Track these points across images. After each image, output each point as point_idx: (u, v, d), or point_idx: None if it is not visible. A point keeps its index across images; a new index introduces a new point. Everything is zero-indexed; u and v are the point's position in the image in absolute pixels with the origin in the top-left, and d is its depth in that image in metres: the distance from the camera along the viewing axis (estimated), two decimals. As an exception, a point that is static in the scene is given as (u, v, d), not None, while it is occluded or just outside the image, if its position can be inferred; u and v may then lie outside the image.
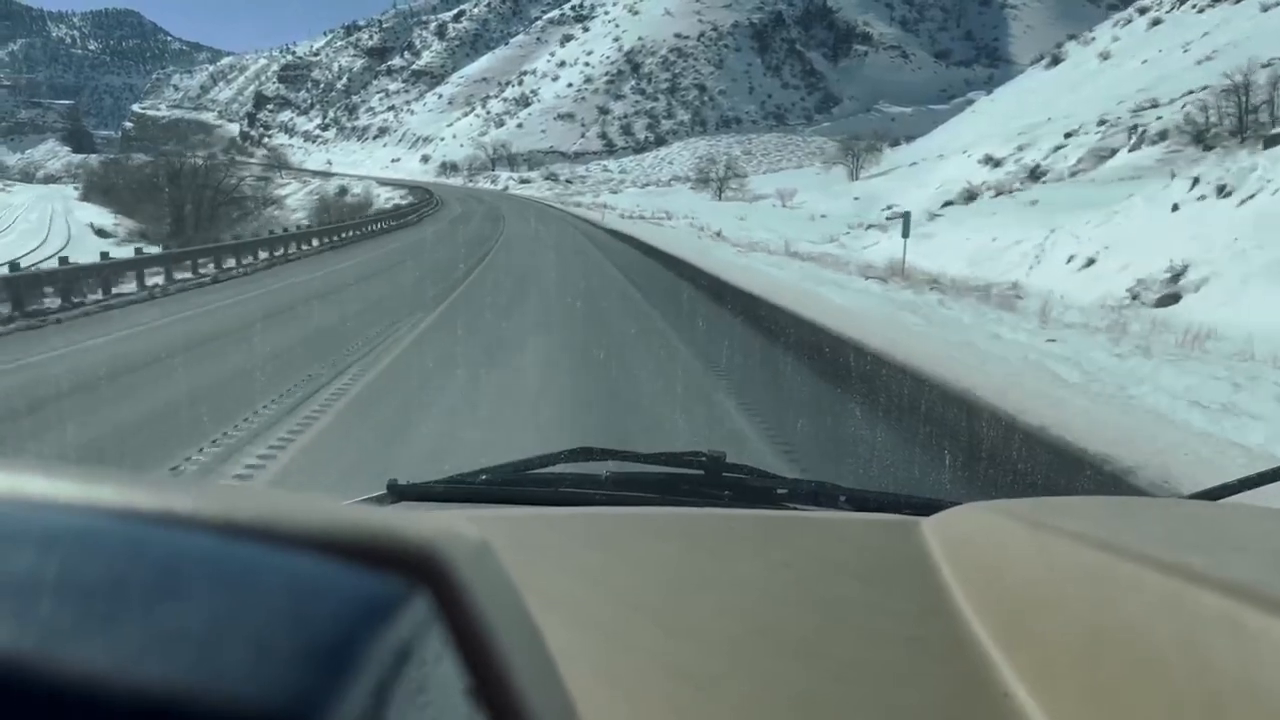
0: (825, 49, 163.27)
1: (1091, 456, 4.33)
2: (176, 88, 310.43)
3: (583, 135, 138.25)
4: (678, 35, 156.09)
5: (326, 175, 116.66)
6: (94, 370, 7.45)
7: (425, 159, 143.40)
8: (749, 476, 1.41)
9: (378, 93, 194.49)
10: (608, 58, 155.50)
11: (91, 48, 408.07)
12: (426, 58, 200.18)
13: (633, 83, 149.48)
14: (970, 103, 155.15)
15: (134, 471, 0.29)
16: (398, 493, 1.31)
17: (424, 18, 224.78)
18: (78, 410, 6.11)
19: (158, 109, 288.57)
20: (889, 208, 64.69)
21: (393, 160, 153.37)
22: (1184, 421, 4.99)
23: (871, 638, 0.75)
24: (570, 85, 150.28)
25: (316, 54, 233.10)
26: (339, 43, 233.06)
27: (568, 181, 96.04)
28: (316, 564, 0.26)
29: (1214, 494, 1.25)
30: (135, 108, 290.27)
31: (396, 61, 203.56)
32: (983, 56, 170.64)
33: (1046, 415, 5.05)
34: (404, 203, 60.50)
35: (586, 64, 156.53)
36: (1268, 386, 5.82)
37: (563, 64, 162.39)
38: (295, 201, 73.77)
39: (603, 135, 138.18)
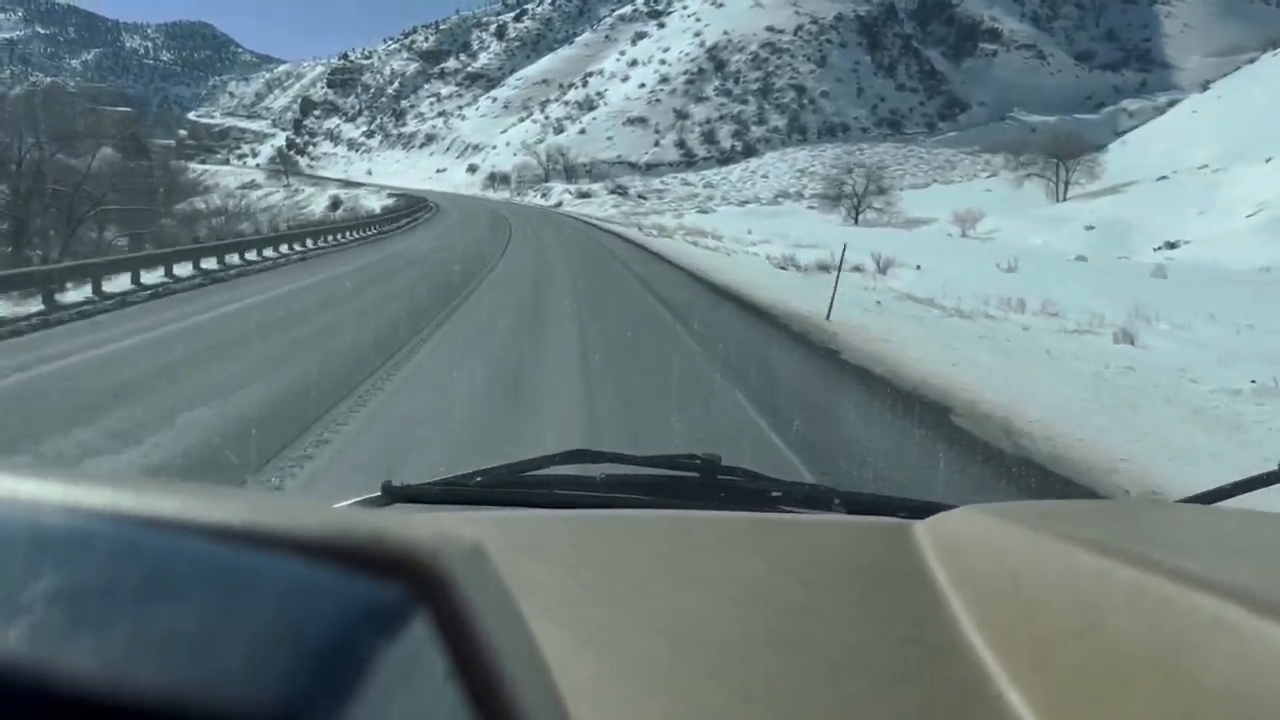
0: (945, 47, 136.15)
1: None
2: (232, 94, 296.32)
3: (656, 143, 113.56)
4: (770, 29, 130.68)
5: (346, 184, 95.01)
6: None
7: (472, 169, 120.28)
8: (743, 479, 1.37)
9: (428, 97, 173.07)
10: (687, 54, 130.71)
11: (164, 59, 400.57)
12: (483, 59, 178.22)
13: (717, 83, 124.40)
14: (1127, 111, 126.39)
15: (125, 474, 0.27)
16: (392, 494, 1.28)
17: (484, 19, 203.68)
18: None
19: (212, 116, 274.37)
20: (1171, 245, 37.43)
21: (438, 170, 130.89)
22: None
23: (865, 640, 0.73)
24: (643, 86, 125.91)
25: (368, 57, 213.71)
26: (393, 45, 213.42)
27: (640, 196, 71.38)
28: (310, 568, 0.26)
29: (1208, 497, 1.24)
30: (190, 115, 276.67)
31: (451, 64, 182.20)
32: (1132, 59, 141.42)
33: None
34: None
35: (662, 62, 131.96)
36: None
37: (634, 63, 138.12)
38: (278, 214, 52.53)
39: (680, 143, 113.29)
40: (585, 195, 70.95)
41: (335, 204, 57.42)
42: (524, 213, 52.76)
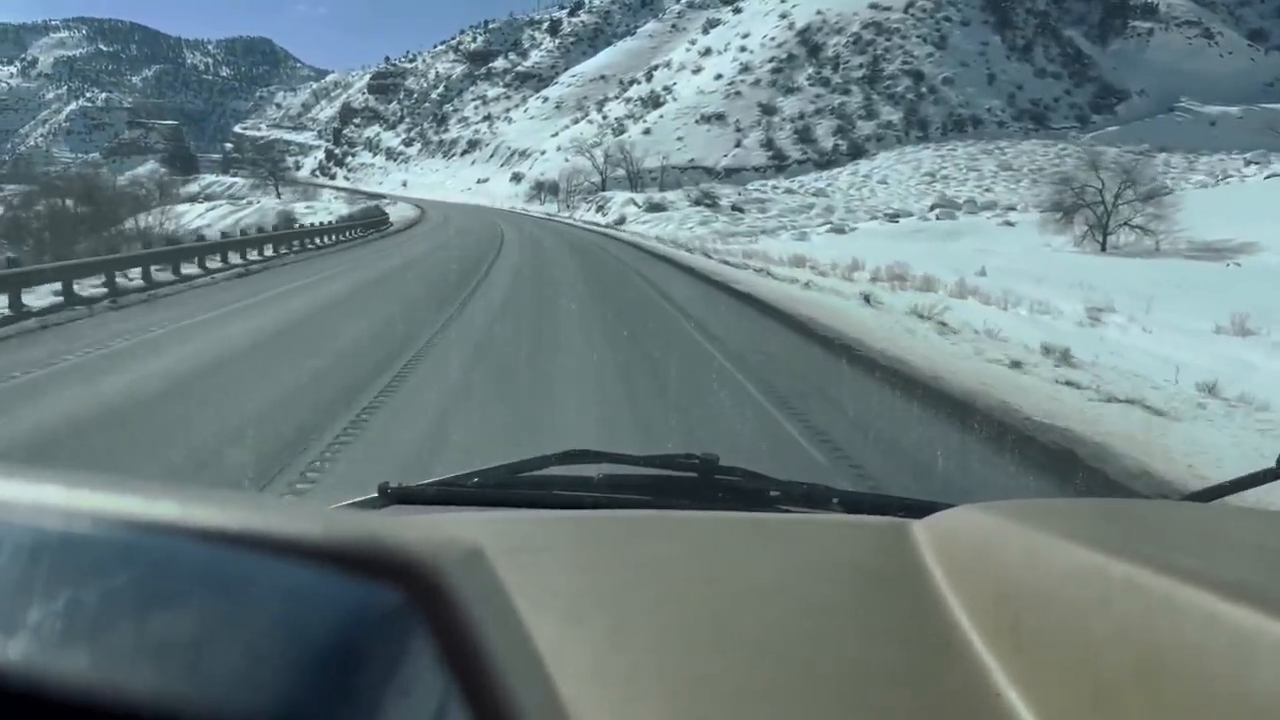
0: (1087, 26, 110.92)
1: None
2: (279, 106, 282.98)
3: (738, 144, 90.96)
4: (874, 6, 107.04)
5: (355, 194, 75.37)
6: None
7: (517, 178, 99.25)
8: (741, 479, 1.35)
9: (473, 100, 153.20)
10: (773, 39, 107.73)
11: (223, 74, 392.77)
12: (534, 57, 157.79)
13: (810, 70, 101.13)
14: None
15: (122, 477, 0.28)
16: (389, 496, 1.26)
17: (537, 16, 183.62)
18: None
19: (258, 128, 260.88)
20: None
21: (478, 181, 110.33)
22: None
23: (864, 639, 0.72)
24: (719, 78, 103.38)
25: (412, 60, 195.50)
26: (439, 48, 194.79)
27: (735, 209, 48.91)
28: (307, 572, 0.25)
29: (1206, 495, 1.22)
30: (236, 128, 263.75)
31: (499, 64, 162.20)
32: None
33: None
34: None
35: (742, 49, 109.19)
36: None
37: (708, 52, 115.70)
38: (208, 232, 32.83)
39: (767, 143, 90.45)
40: (658, 208, 48.59)
41: (287, 220, 37.06)
42: (559, 243, 30.21)
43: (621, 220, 48.03)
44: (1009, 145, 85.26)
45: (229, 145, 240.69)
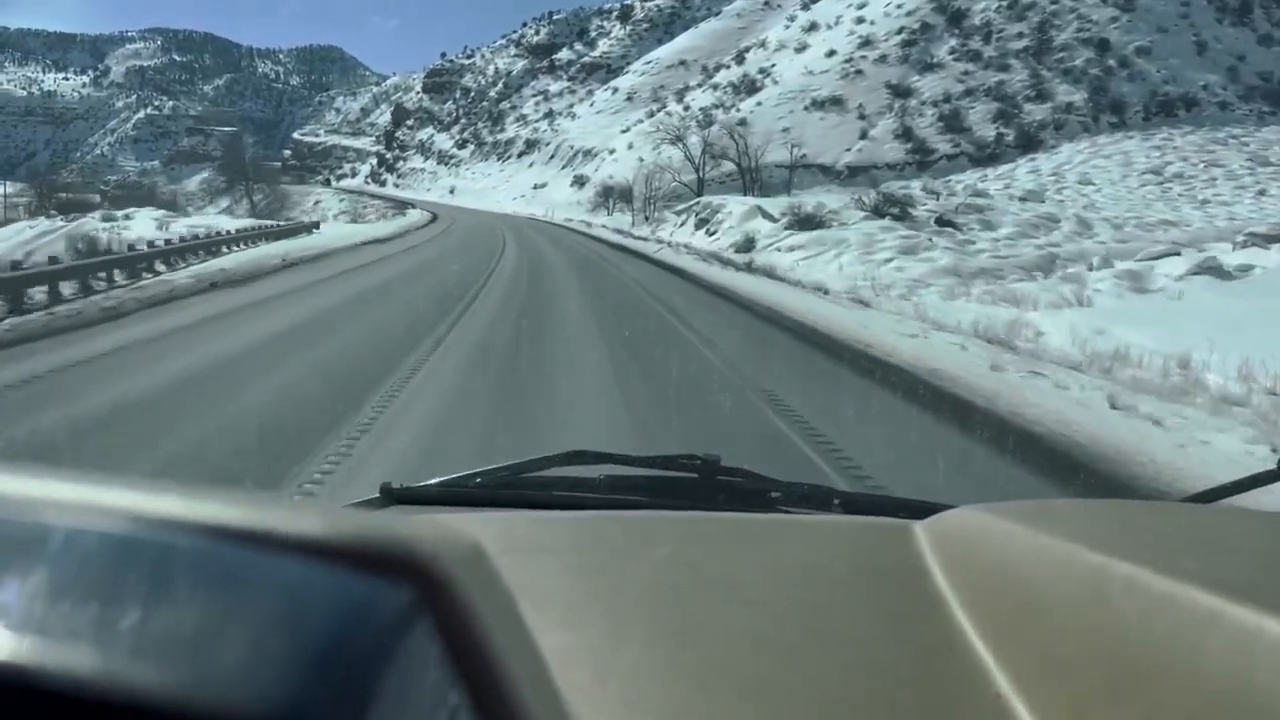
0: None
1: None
2: (338, 111, 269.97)
3: (864, 134, 69.06)
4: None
5: (362, 195, 56.83)
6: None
7: (579, 182, 79.05)
8: (743, 480, 1.33)
9: (533, 96, 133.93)
10: (899, 6, 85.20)
11: (293, 83, 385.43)
12: (603, 47, 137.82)
13: (953, 43, 78.48)
14: None
15: (125, 475, 0.28)
16: (392, 496, 1.24)
17: (605, 5, 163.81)
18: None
19: (316, 134, 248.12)
20: None
21: (535, 186, 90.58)
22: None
23: (865, 640, 0.71)
24: (832, 54, 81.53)
25: (470, 56, 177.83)
26: (499, 43, 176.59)
27: (943, 224, 27.66)
28: (309, 569, 0.25)
29: (1207, 496, 1.21)
30: (295, 134, 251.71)
31: (563, 55, 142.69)
32: None
33: None
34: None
35: (859, 19, 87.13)
36: None
37: (813, 27, 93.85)
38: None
39: (904, 133, 68.31)
40: (812, 223, 26.95)
41: (75, 247, 17.08)
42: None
43: (749, 244, 26.83)
44: (1244, 133, 61.54)
45: (287, 152, 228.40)
